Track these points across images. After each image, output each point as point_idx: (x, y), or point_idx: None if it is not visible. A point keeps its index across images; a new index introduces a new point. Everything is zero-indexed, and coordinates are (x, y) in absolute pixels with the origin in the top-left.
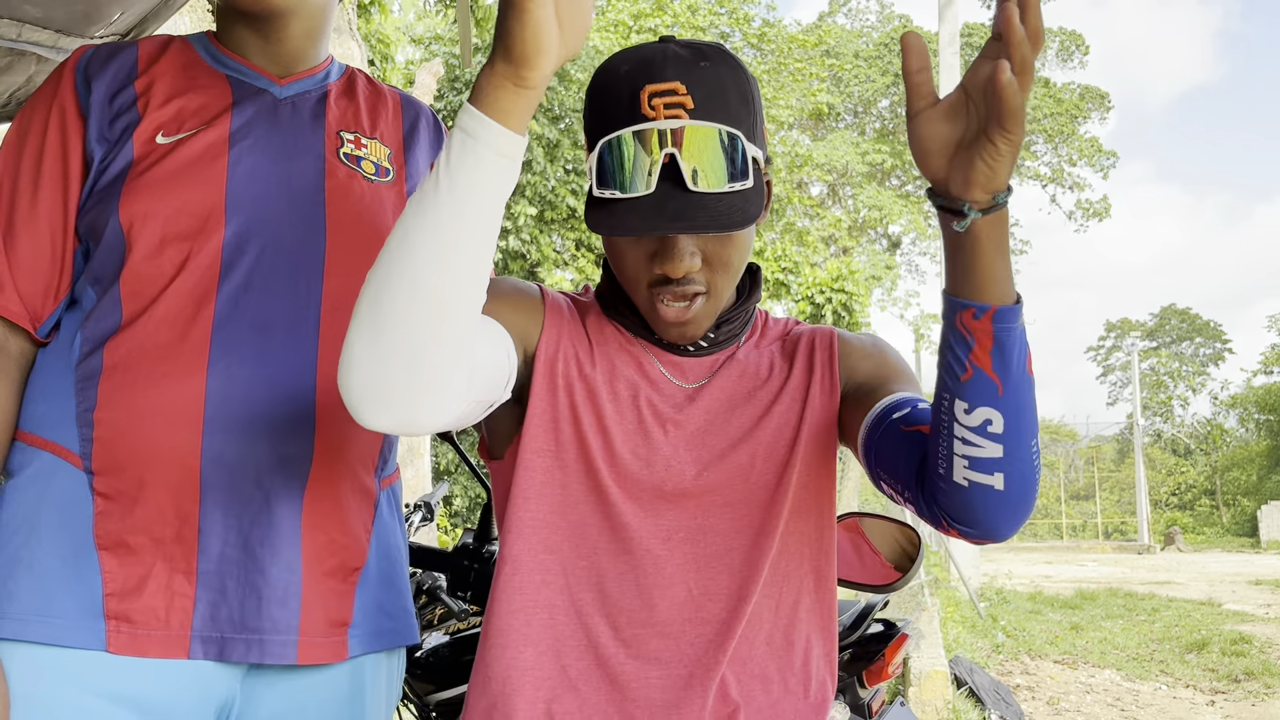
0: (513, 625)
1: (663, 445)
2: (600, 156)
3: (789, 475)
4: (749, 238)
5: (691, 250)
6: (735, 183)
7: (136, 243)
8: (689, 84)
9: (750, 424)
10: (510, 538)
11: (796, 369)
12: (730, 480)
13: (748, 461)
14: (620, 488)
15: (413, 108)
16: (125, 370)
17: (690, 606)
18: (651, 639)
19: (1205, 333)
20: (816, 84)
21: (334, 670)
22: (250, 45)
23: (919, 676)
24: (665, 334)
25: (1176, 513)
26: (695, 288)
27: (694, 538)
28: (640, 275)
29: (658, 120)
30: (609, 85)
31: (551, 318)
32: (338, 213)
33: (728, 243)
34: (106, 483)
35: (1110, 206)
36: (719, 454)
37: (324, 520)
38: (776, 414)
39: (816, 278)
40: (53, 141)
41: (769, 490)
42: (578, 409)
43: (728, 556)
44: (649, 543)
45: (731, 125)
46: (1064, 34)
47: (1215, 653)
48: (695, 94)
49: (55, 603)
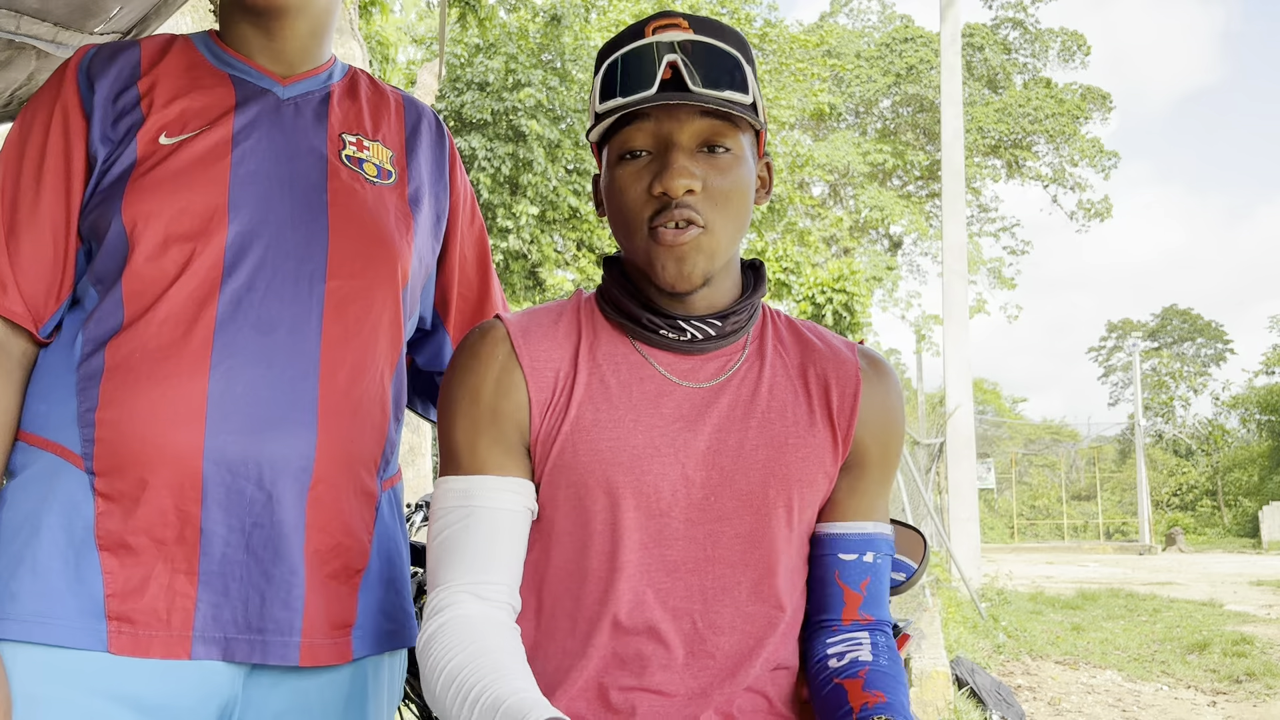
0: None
1: (672, 472)
2: (605, 74)
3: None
4: (745, 186)
5: (690, 170)
6: (735, 93)
7: (139, 243)
8: (691, 21)
9: (765, 449)
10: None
11: (815, 403)
12: (738, 510)
13: (760, 492)
14: (633, 520)
15: (415, 110)
16: (127, 371)
17: (695, 639)
18: (657, 672)
19: (1207, 333)
20: (818, 84)
21: (337, 672)
22: (254, 44)
23: (920, 677)
24: (664, 274)
25: (1178, 513)
26: (692, 214)
27: (700, 569)
28: (641, 205)
29: (660, 36)
30: (614, 41)
31: (529, 364)
32: (341, 214)
33: (726, 173)
34: (108, 483)
35: (1112, 207)
36: (727, 479)
37: (326, 521)
38: (791, 447)
39: (817, 278)
40: (55, 142)
41: (778, 526)
42: (587, 444)
43: (734, 590)
44: (655, 575)
45: (734, 49)
46: (1065, 34)
47: (1217, 653)
48: (696, 26)
49: (57, 604)
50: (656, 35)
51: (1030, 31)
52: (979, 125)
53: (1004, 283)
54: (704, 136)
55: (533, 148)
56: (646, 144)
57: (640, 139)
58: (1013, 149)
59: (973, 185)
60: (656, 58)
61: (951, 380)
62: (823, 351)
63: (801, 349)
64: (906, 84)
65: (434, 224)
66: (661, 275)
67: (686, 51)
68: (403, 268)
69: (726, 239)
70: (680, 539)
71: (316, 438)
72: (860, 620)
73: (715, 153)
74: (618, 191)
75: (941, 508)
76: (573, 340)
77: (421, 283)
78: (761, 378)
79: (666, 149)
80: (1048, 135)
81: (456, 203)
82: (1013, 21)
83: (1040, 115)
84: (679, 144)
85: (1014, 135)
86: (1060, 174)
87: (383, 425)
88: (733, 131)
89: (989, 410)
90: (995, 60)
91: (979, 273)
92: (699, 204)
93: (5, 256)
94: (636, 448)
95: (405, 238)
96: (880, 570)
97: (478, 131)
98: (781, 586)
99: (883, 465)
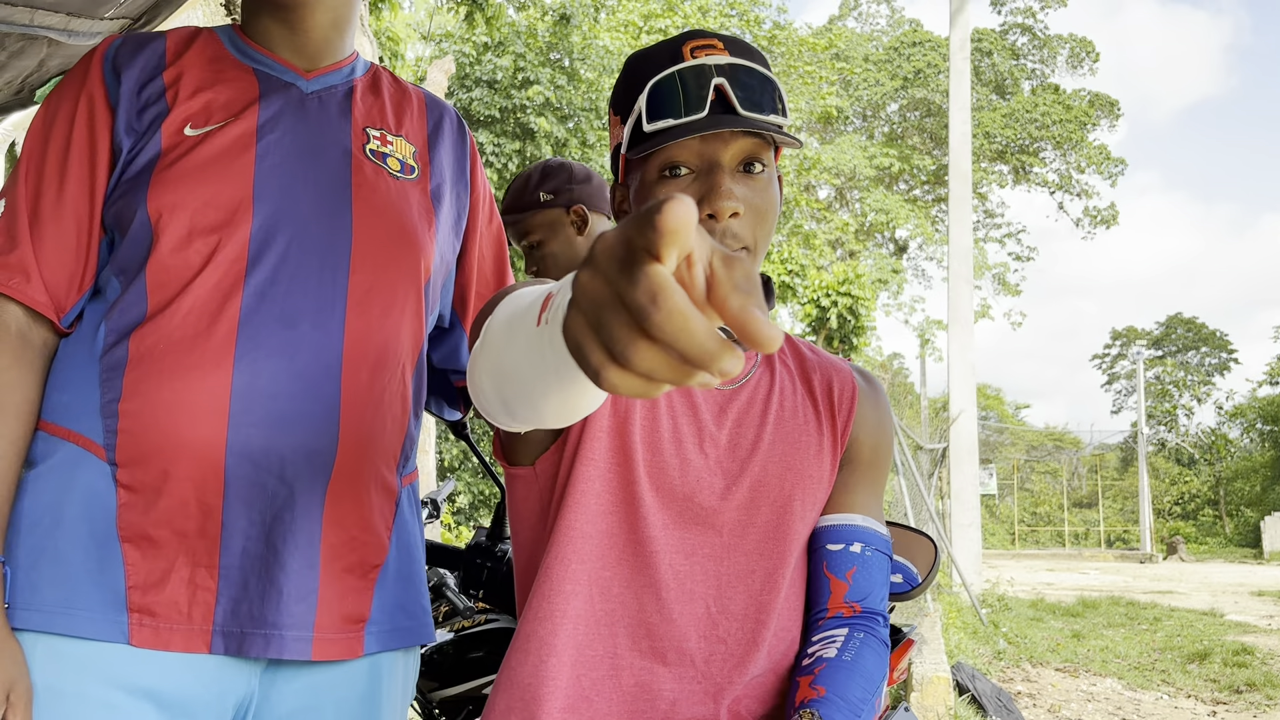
0: (537, 633)
1: (695, 457)
2: (651, 94)
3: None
4: (777, 203)
5: (735, 192)
6: (776, 116)
7: (164, 234)
8: (725, 42)
9: (781, 448)
10: (550, 543)
11: (821, 409)
12: (756, 500)
13: (776, 484)
14: (655, 500)
15: (438, 108)
16: (151, 362)
17: (708, 624)
18: (670, 654)
19: (1211, 342)
20: (826, 87)
21: (351, 667)
22: (276, 37)
23: (921, 682)
24: None
25: (1179, 522)
26: (739, 235)
27: (718, 555)
28: None
29: (704, 59)
30: (645, 56)
31: None
32: (365, 207)
33: (763, 192)
34: (130, 475)
35: (1118, 214)
36: (747, 470)
37: (346, 516)
38: (805, 445)
39: (823, 281)
40: (80, 132)
41: (792, 518)
42: (633, 422)
43: (749, 578)
44: (673, 557)
45: (768, 71)
46: (1074, 40)
47: (1217, 663)
48: (731, 49)
49: (78, 595)
50: (696, 58)
51: (1039, 37)
52: (986, 130)
53: (1009, 289)
54: (745, 156)
55: (541, 145)
56: (691, 161)
57: (685, 155)
58: (1020, 155)
59: (979, 190)
60: (706, 81)
61: (955, 385)
62: (822, 359)
63: (800, 359)
64: (914, 88)
65: (455, 221)
66: None
67: (730, 75)
68: (426, 263)
69: (761, 254)
70: (699, 526)
71: (339, 431)
72: (846, 611)
73: (752, 172)
74: None
75: (943, 513)
76: None
77: (442, 279)
78: (775, 382)
79: (711, 169)
80: (1055, 141)
81: (476, 202)
82: (1021, 27)
83: (1048, 121)
84: (723, 164)
85: (1021, 141)
86: (1067, 180)
87: (403, 420)
88: (767, 150)
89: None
90: (1003, 65)
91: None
92: (742, 226)
93: (29, 245)
94: (664, 433)
95: (428, 233)
96: (870, 563)
97: (486, 128)
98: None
99: (872, 466)
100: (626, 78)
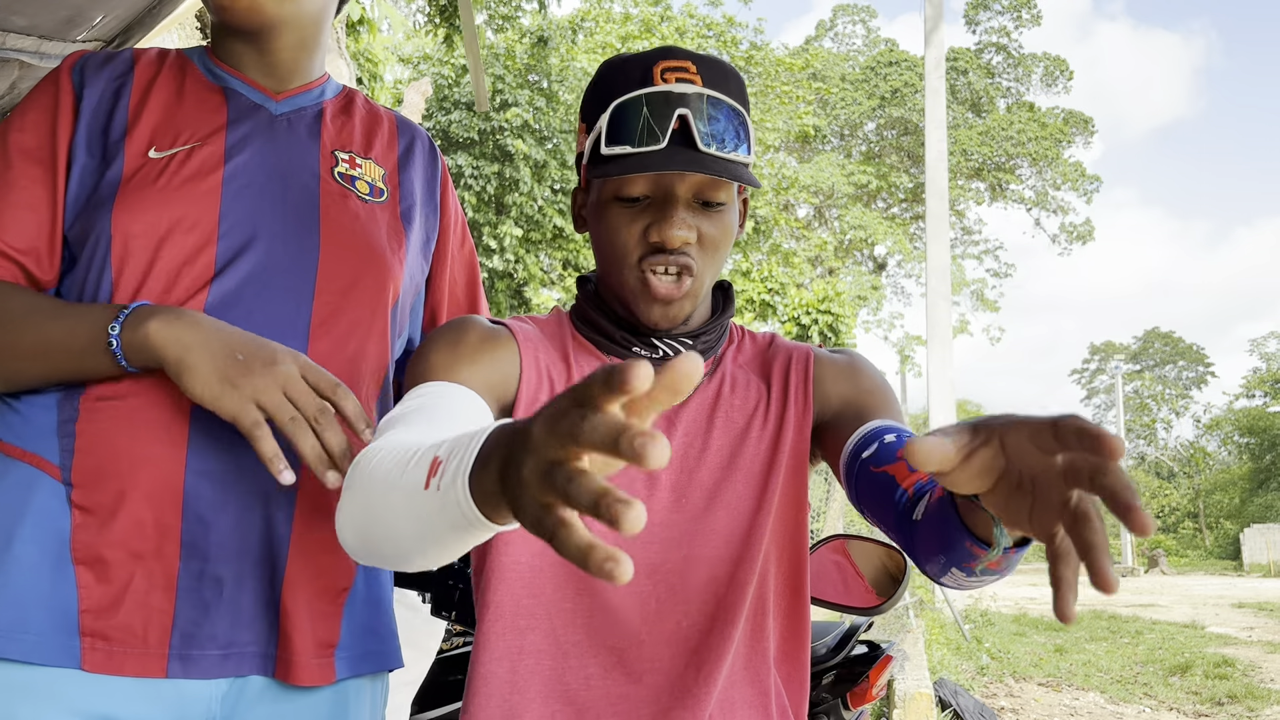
0: (496, 673)
1: (641, 471)
2: (613, 116)
3: (768, 502)
4: (732, 233)
5: (688, 222)
6: (739, 153)
7: (128, 255)
8: (698, 66)
9: (729, 448)
10: (492, 582)
11: (774, 391)
12: (711, 508)
13: (729, 488)
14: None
15: (409, 130)
16: (109, 382)
17: (679, 639)
18: (642, 674)
19: (1188, 356)
20: (803, 107)
21: (318, 694)
22: (245, 59)
23: (904, 698)
24: (649, 314)
25: (1160, 535)
26: (687, 261)
27: (680, 569)
28: (633, 247)
29: (672, 85)
30: (618, 67)
31: (527, 354)
32: (332, 230)
33: (718, 223)
34: (85, 495)
35: (1094, 230)
36: (698, 480)
37: (312, 538)
38: (753, 438)
39: (802, 299)
40: (44, 129)
41: (749, 517)
42: None
43: (712, 586)
44: (635, 578)
45: (738, 102)
46: (1048, 59)
47: (1199, 675)
48: (704, 74)
49: (29, 619)
50: (666, 82)
51: (1013, 56)
52: (963, 148)
53: (987, 305)
54: (702, 192)
55: (519, 167)
56: (645, 191)
57: (640, 187)
58: (996, 172)
59: (956, 208)
60: (668, 112)
61: (935, 401)
62: (780, 346)
63: (759, 351)
64: (891, 107)
65: (424, 244)
66: (647, 315)
67: (695, 107)
68: (394, 285)
69: (710, 280)
70: (656, 544)
71: None
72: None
73: (709, 207)
74: (610, 230)
75: None
76: (559, 346)
77: (411, 301)
78: (724, 380)
79: (665, 199)
80: (1030, 159)
81: (447, 225)
82: (996, 46)
83: (1023, 139)
84: (678, 197)
85: (997, 158)
86: (1043, 197)
87: (367, 443)
88: (728, 186)
89: None
90: (979, 84)
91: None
92: (693, 252)
93: None
94: None
95: (397, 255)
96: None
97: (464, 150)
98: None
99: (862, 392)
100: (595, 87)
